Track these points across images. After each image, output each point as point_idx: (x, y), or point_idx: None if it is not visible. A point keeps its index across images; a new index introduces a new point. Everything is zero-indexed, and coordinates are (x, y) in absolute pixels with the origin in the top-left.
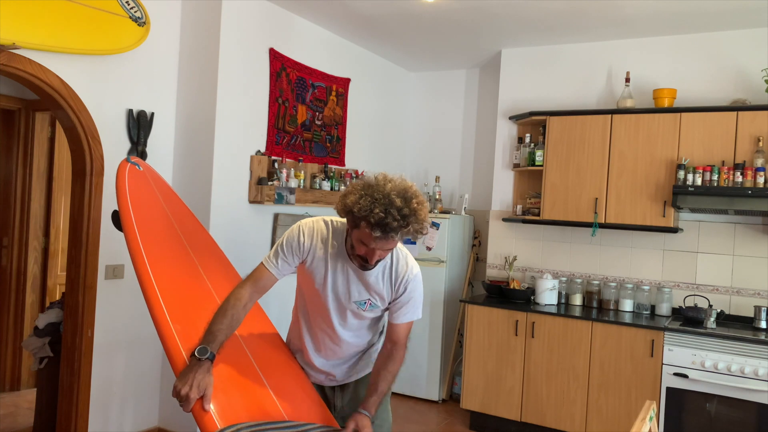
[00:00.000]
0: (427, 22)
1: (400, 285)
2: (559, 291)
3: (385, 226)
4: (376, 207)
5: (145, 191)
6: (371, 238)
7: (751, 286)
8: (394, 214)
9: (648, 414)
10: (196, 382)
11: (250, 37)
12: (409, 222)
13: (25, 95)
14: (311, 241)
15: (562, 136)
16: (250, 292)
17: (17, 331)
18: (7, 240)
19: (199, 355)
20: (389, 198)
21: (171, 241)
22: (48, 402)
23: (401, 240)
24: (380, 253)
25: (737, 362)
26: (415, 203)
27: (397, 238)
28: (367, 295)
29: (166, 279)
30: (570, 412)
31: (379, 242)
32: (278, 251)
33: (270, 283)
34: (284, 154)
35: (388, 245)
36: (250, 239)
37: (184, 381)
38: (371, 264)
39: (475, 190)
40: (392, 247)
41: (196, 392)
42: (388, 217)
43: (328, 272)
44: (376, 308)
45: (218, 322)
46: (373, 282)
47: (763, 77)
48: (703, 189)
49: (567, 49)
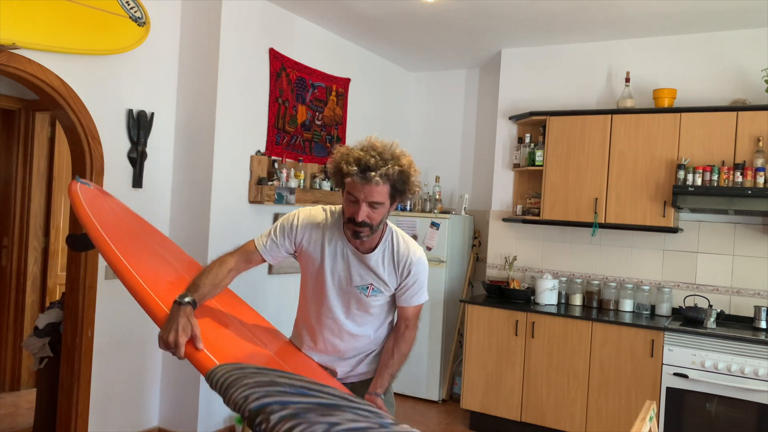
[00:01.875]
0: (427, 22)
1: (403, 268)
2: (559, 291)
3: (363, 163)
4: (356, 149)
5: (99, 201)
6: (353, 183)
7: (751, 286)
8: (372, 153)
9: (648, 414)
10: (180, 326)
11: (250, 37)
12: (388, 162)
13: (25, 95)
14: (306, 224)
15: (562, 136)
16: (237, 259)
17: (17, 331)
18: (7, 240)
19: (179, 299)
20: (370, 142)
21: (132, 236)
22: (48, 402)
23: (393, 197)
24: (367, 211)
25: (737, 362)
26: (398, 152)
27: (377, 180)
28: (369, 279)
29: (139, 264)
30: (570, 412)
31: (362, 187)
32: (271, 232)
33: (255, 260)
34: (284, 154)
35: (371, 192)
36: (250, 239)
37: (167, 329)
38: (359, 222)
39: (475, 190)
40: (378, 199)
41: (183, 336)
42: (366, 155)
43: (326, 256)
44: (380, 294)
45: (201, 277)
46: (374, 265)
47: (763, 77)
48: (703, 189)
49: (567, 49)
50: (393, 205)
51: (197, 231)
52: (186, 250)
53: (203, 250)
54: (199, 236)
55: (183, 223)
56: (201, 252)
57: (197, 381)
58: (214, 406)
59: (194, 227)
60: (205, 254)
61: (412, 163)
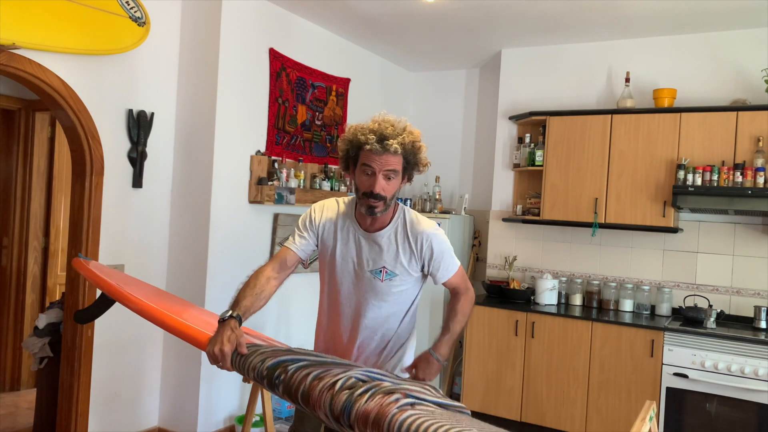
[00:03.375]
0: (427, 22)
1: (422, 246)
2: (559, 291)
3: (380, 133)
4: (371, 123)
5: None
6: (370, 153)
7: (751, 286)
8: (386, 125)
9: (648, 414)
10: (225, 337)
11: (250, 37)
12: (403, 132)
13: (25, 95)
14: (321, 214)
15: (562, 136)
16: (272, 266)
17: (17, 331)
18: (7, 240)
19: (222, 316)
20: (382, 117)
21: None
22: (48, 402)
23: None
24: (383, 183)
25: (737, 362)
26: (408, 125)
27: (395, 148)
28: (381, 263)
29: (170, 308)
30: (570, 412)
31: (378, 157)
32: (296, 231)
33: (291, 259)
34: (284, 154)
35: (388, 162)
36: (250, 239)
37: (213, 342)
38: (376, 195)
39: (475, 190)
40: (394, 167)
41: (228, 345)
42: (381, 126)
43: (338, 242)
44: (395, 278)
45: (241, 292)
46: (386, 243)
47: (763, 77)
48: (703, 189)
49: (567, 49)
50: (404, 180)
51: (197, 231)
52: (186, 250)
53: (203, 250)
54: (199, 236)
55: (183, 223)
56: (201, 252)
57: (197, 381)
58: (214, 406)
59: (194, 227)
60: (205, 254)
61: (420, 139)
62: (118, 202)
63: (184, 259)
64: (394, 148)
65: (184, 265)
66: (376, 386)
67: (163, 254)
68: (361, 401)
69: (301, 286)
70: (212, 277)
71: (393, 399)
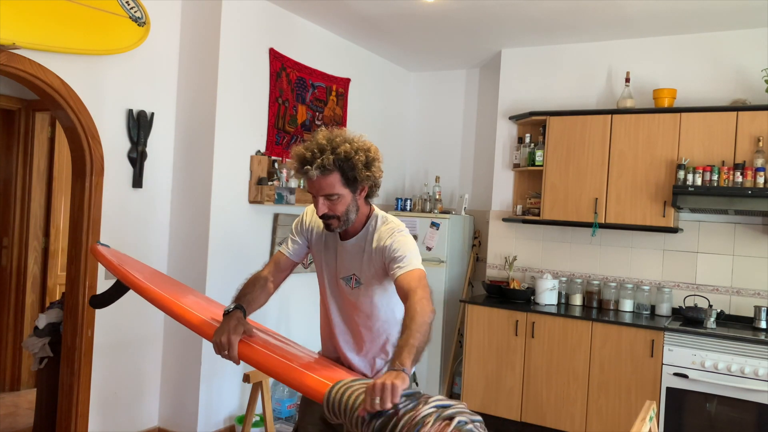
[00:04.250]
0: (427, 22)
1: (384, 242)
2: (559, 291)
3: (301, 159)
4: (302, 145)
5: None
6: (306, 181)
7: (751, 286)
8: (310, 146)
9: (648, 414)
10: (231, 327)
11: (250, 37)
12: (323, 153)
13: (25, 95)
14: (311, 219)
15: (562, 136)
16: (269, 270)
17: (17, 331)
18: (7, 240)
19: (227, 309)
20: (314, 136)
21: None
22: (48, 402)
23: (350, 184)
24: (326, 203)
25: (737, 362)
26: (339, 139)
27: (312, 174)
28: (352, 270)
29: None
30: (570, 412)
31: (312, 183)
32: (289, 236)
33: (286, 264)
34: (284, 154)
35: (321, 185)
36: (250, 239)
37: (219, 332)
38: (323, 215)
39: (475, 190)
40: (330, 191)
41: (234, 335)
42: (305, 150)
43: (321, 249)
44: (360, 286)
45: (243, 288)
46: (353, 250)
47: (763, 77)
48: (703, 189)
49: (567, 49)
50: (360, 193)
51: (197, 231)
52: (186, 250)
53: (203, 250)
54: (199, 236)
55: (183, 222)
56: (201, 252)
57: (197, 381)
58: (214, 406)
59: (194, 227)
60: (205, 254)
61: (361, 148)
62: (118, 202)
63: (184, 259)
64: (312, 173)
65: (184, 265)
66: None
67: (163, 254)
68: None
69: (301, 285)
70: (212, 277)
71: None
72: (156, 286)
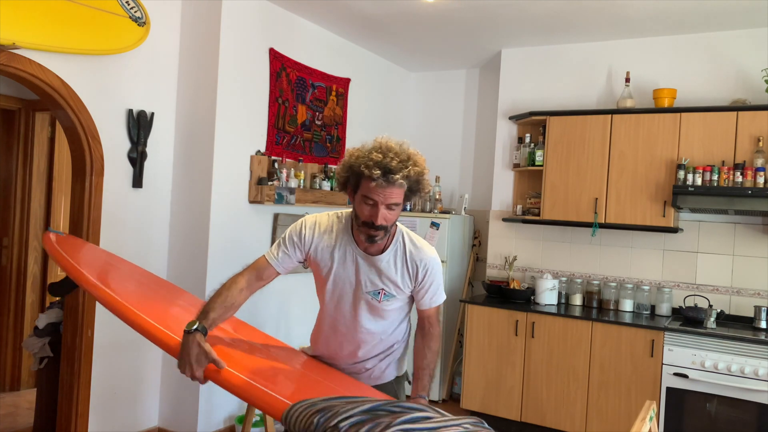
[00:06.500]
0: (427, 22)
1: (418, 270)
2: (559, 291)
3: (384, 166)
4: (374, 152)
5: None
6: (374, 186)
7: (751, 286)
8: (391, 155)
9: (648, 414)
10: (193, 358)
11: (250, 37)
12: (408, 164)
13: (25, 95)
14: (313, 232)
15: (562, 136)
16: (247, 278)
17: (17, 331)
18: (7, 240)
19: (187, 328)
20: (385, 144)
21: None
22: (48, 402)
23: (407, 198)
24: (385, 213)
25: (737, 362)
26: (411, 150)
27: (400, 183)
28: (381, 285)
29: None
30: (570, 412)
31: (382, 190)
32: (280, 244)
33: (269, 275)
34: (284, 154)
35: (391, 194)
36: (250, 239)
37: (182, 362)
38: (377, 226)
39: (475, 190)
40: (396, 200)
41: (198, 368)
42: (386, 157)
43: (335, 262)
44: (392, 299)
45: (211, 302)
46: (385, 267)
47: (763, 77)
48: (703, 189)
49: (567, 49)
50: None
51: (197, 231)
52: (186, 250)
53: (203, 249)
54: (198, 236)
55: (183, 222)
56: (201, 252)
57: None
58: (214, 406)
59: (194, 227)
60: (205, 254)
61: (424, 164)
62: (118, 202)
63: (184, 259)
64: (399, 182)
65: (184, 265)
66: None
67: (163, 254)
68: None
69: (301, 285)
70: (212, 277)
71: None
72: (105, 282)
